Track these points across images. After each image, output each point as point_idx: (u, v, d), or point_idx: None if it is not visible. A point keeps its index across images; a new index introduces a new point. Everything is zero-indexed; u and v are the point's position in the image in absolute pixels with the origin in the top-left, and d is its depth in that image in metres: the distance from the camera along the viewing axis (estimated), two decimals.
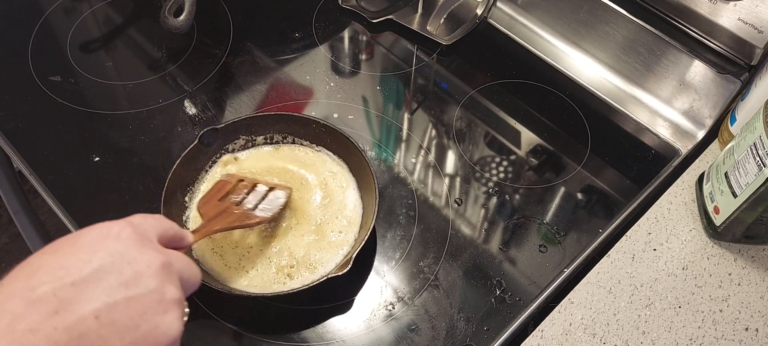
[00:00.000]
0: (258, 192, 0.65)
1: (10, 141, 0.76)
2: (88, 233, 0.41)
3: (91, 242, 0.40)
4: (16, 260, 0.38)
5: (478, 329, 0.63)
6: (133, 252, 0.41)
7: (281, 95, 0.83)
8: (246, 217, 0.62)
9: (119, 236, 0.41)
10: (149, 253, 0.41)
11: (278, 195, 0.66)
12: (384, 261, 0.68)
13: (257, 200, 0.64)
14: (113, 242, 0.40)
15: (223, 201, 0.62)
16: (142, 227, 0.44)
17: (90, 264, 0.38)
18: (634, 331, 0.63)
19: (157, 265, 0.41)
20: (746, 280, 0.67)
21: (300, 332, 0.62)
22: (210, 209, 0.61)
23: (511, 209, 0.73)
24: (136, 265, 0.40)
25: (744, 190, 0.63)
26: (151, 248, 0.42)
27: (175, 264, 0.43)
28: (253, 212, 0.63)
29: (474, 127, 0.82)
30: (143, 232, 0.43)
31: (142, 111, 0.80)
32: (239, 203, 0.63)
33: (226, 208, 0.62)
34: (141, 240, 0.42)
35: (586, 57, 0.88)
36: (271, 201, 0.65)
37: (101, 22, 0.92)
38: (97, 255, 0.39)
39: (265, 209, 0.64)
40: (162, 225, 0.47)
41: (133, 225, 0.43)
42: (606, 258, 0.69)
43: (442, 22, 0.93)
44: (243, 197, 0.63)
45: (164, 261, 0.42)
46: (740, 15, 0.73)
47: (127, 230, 0.42)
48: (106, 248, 0.40)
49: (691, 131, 0.81)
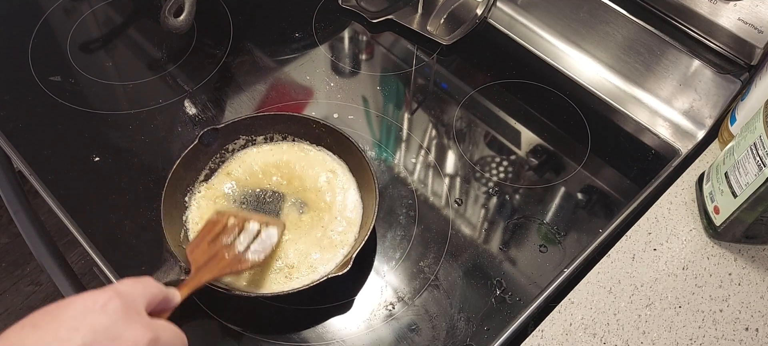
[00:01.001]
0: (250, 231, 0.62)
1: (10, 141, 0.76)
2: (73, 305, 0.38)
3: (75, 315, 0.38)
4: (16, 260, 0.37)
5: (479, 329, 0.63)
6: (119, 328, 0.38)
7: (281, 95, 0.83)
8: (237, 262, 0.60)
9: (105, 308, 0.39)
10: (136, 329, 0.39)
11: (271, 233, 0.63)
12: (384, 261, 0.68)
13: (249, 240, 0.61)
14: (98, 315, 0.38)
15: (214, 244, 0.60)
16: (131, 297, 0.42)
17: (70, 342, 0.36)
18: (635, 331, 0.63)
19: (143, 342, 0.39)
20: (746, 280, 0.67)
21: (300, 332, 0.62)
22: (199, 256, 0.59)
23: (511, 209, 0.73)
24: (120, 343, 0.38)
25: (744, 190, 0.63)
26: (138, 323, 0.40)
27: (162, 338, 0.41)
28: (245, 255, 0.61)
29: (474, 127, 0.82)
30: (131, 302, 0.41)
31: (142, 111, 0.80)
32: (230, 246, 0.60)
33: (217, 252, 0.60)
34: (128, 313, 0.40)
35: (586, 57, 0.88)
36: (263, 241, 0.62)
37: (101, 22, 0.92)
38: (79, 332, 0.36)
39: (256, 250, 0.61)
40: (150, 290, 0.45)
41: (121, 295, 0.40)
42: (606, 258, 0.69)
43: (442, 22, 0.93)
44: (234, 238, 0.61)
45: (151, 338, 0.40)
46: (740, 15, 0.73)
47: (115, 302, 0.39)
48: (90, 323, 0.37)
49: (691, 131, 0.81)
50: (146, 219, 0.69)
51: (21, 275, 1.52)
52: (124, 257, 0.67)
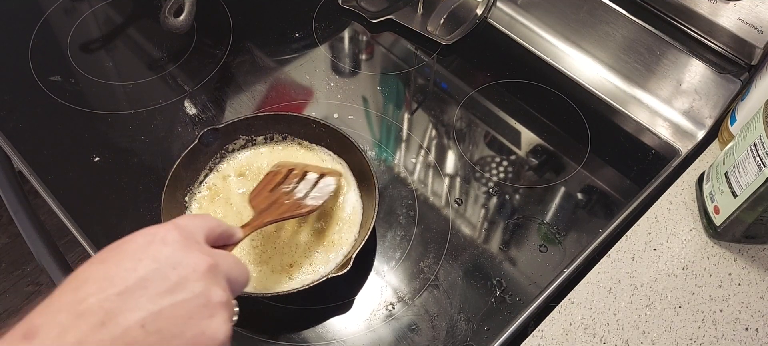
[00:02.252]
0: (308, 180, 0.65)
1: (10, 141, 0.76)
2: (134, 240, 0.40)
3: (137, 248, 0.40)
4: (16, 260, 0.38)
5: (479, 329, 0.63)
6: (179, 256, 0.40)
7: (281, 95, 0.83)
8: (297, 206, 0.62)
9: (165, 239, 0.41)
10: (195, 255, 0.41)
11: (328, 182, 0.66)
12: (384, 261, 0.68)
13: (308, 189, 0.64)
14: (159, 246, 0.40)
15: (274, 192, 0.63)
16: (189, 229, 0.43)
17: (135, 272, 0.38)
18: (635, 331, 0.63)
19: (203, 268, 0.41)
20: (746, 280, 0.67)
21: (300, 332, 0.62)
22: (261, 201, 0.62)
23: (511, 209, 0.73)
24: (181, 269, 0.40)
25: (744, 190, 0.63)
26: (197, 250, 0.42)
27: (222, 265, 0.43)
28: (304, 201, 0.63)
29: (474, 127, 0.82)
30: (190, 233, 0.43)
31: (142, 111, 0.80)
32: (289, 193, 0.63)
33: (277, 199, 0.62)
34: (187, 242, 0.42)
35: (586, 57, 0.88)
36: (321, 189, 0.65)
37: (101, 22, 0.92)
38: (142, 262, 0.39)
39: (315, 196, 0.64)
40: (209, 224, 0.47)
41: (180, 227, 0.42)
42: (606, 258, 0.69)
43: (442, 22, 0.93)
44: (293, 187, 0.64)
45: (211, 263, 0.41)
46: (740, 15, 0.73)
47: (173, 233, 0.41)
48: (152, 253, 0.39)
49: (691, 131, 0.81)
50: (146, 219, 0.69)
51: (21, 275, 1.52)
52: None
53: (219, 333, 0.40)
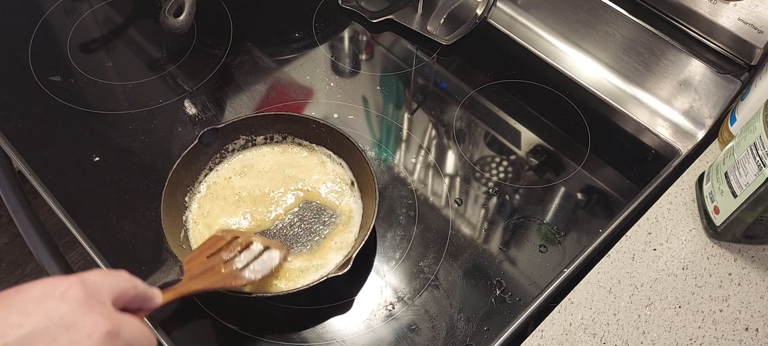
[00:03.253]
0: (252, 251, 0.61)
1: (10, 141, 0.76)
2: (30, 290, 0.36)
3: (29, 300, 0.36)
4: (16, 260, 0.37)
5: (478, 329, 0.63)
6: (75, 316, 0.36)
7: (281, 95, 0.83)
8: (232, 277, 0.58)
9: (64, 295, 0.37)
10: (94, 318, 0.37)
11: (272, 256, 0.62)
12: (384, 261, 0.68)
13: (249, 259, 0.60)
14: (56, 302, 0.36)
15: (211, 259, 0.59)
16: (95, 286, 0.39)
17: (21, 328, 0.34)
18: (634, 331, 0.63)
19: (100, 332, 0.37)
20: (746, 280, 0.67)
21: (300, 332, 0.62)
22: (194, 266, 0.58)
23: (511, 209, 0.73)
24: (74, 332, 0.35)
25: (744, 190, 0.63)
26: (98, 312, 0.38)
27: (124, 333, 0.39)
28: (242, 272, 0.59)
29: (474, 127, 0.82)
30: (95, 292, 0.39)
31: (142, 111, 0.80)
32: (228, 261, 0.59)
33: (213, 266, 0.58)
34: (89, 302, 0.38)
35: (586, 57, 0.88)
36: (263, 262, 0.61)
37: (101, 22, 0.92)
38: (31, 318, 0.35)
39: (254, 269, 0.60)
40: (122, 284, 0.43)
41: (85, 283, 0.38)
42: (606, 258, 0.69)
43: (442, 22, 0.93)
44: (234, 255, 0.60)
45: (110, 329, 0.37)
46: (740, 15, 0.73)
47: (76, 289, 0.37)
48: (45, 309, 0.35)
49: (691, 131, 0.81)
50: (146, 219, 0.69)
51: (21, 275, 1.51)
52: (124, 257, 0.67)
53: None
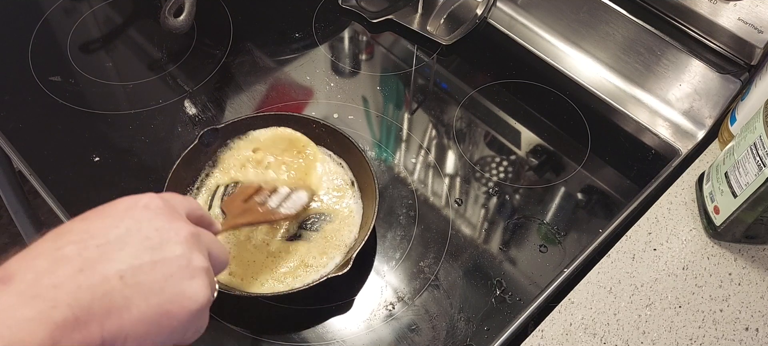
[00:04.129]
0: (280, 194, 0.66)
1: (10, 141, 0.76)
2: (118, 204, 0.41)
3: (120, 210, 0.40)
4: None
5: (479, 329, 0.63)
6: (161, 221, 0.40)
7: (281, 95, 0.83)
8: (271, 213, 0.63)
9: (148, 205, 0.41)
10: (178, 222, 0.41)
11: (300, 195, 0.66)
12: (384, 261, 0.68)
13: (280, 201, 0.65)
14: (142, 210, 0.40)
15: (248, 202, 0.63)
16: (172, 202, 0.44)
17: (117, 229, 0.38)
18: (635, 331, 0.63)
19: (185, 233, 0.41)
20: (746, 280, 0.67)
21: (300, 332, 0.62)
22: (234, 208, 0.63)
23: (511, 209, 0.73)
24: (163, 232, 0.40)
25: (744, 190, 0.63)
26: (179, 219, 0.42)
27: (204, 237, 0.43)
28: (278, 209, 0.64)
29: (474, 127, 0.82)
30: (173, 206, 0.43)
31: (142, 111, 0.80)
32: (262, 203, 0.64)
33: (250, 207, 0.63)
34: (170, 211, 0.42)
35: (586, 57, 0.88)
36: (293, 200, 0.66)
37: (101, 22, 0.92)
38: (123, 222, 0.39)
39: (288, 206, 0.65)
40: (191, 205, 0.47)
41: (163, 198, 0.43)
42: (606, 258, 0.69)
43: (442, 22, 0.93)
44: (266, 198, 0.64)
45: (193, 232, 0.42)
46: (740, 15, 0.73)
47: (157, 202, 0.42)
48: (134, 215, 0.40)
49: (691, 131, 0.81)
50: None
51: None
52: None
53: (199, 295, 0.40)
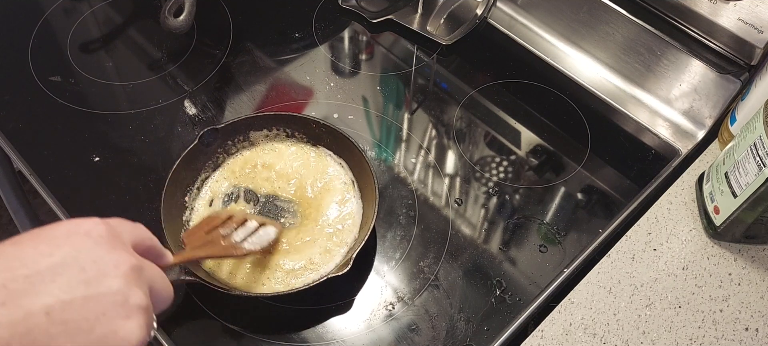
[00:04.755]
0: (248, 228, 0.62)
1: (10, 141, 0.76)
2: (58, 227, 0.38)
3: (58, 236, 0.37)
4: None
5: (478, 329, 0.63)
6: (101, 251, 0.37)
7: (281, 95, 0.83)
8: (232, 248, 0.60)
9: (90, 233, 0.38)
10: (119, 253, 0.38)
11: (268, 231, 0.63)
12: (384, 261, 0.68)
13: (246, 235, 0.62)
14: (81, 238, 0.37)
15: (210, 234, 0.60)
16: (118, 229, 0.41)
17: (51, 258, 0.35)
18: (634, 331, 0.63)
19: (125, 267, 0.38)
20: (746, 280, 0.67)
21: (300, 332, 0.62)
22: (194, 240, 0.59)
23: (511, 209, 0.73)
24: (101, 263, 0.37)
25: (744, 190, 0.63)
26: (121, 249, 0.39)
27: (147, 272, 0.40)
28: (241, 244, 0.61)
29: (474, 127, 0.82)
30: (117, 234, 0.40)
31: (142, 111, 0.80)
32: (226, 236, 0.61)
33: (213, 239, 0.60)
34: (112, 240, 0.39)
35: (586, 57, 0.88)
36: (260, 236, 0.62)
37: (101, 22, 0.92)
38: (60, 249, 0.36)
39: (253, 242, 0.62)
40: (140, 233, 0.44)
41: (108, 224, 0.40)
42: (606, 258, 0.69)
43: (442, 22, 0.93)
44: (231, 231, 0.61)
45: (134, 265, 0.39)
46: (740, 15, 0.73)
47: (100, 228, 0.38)
48: (72, 243, 0.37)
49: (691, 131, 0.81)
50: (146, 219, 0.68)
51: None
52: None
53: (132, 337, 0.37)
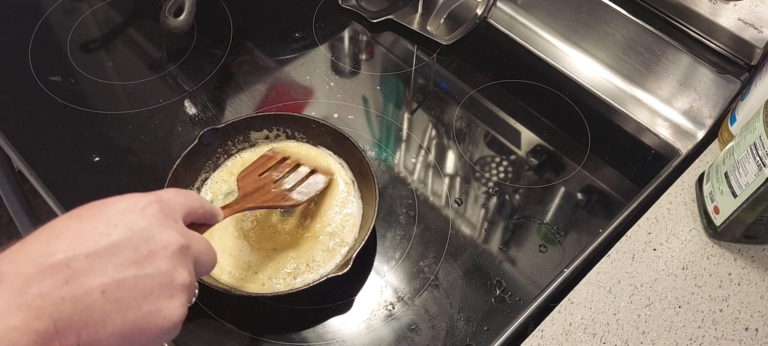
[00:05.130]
0: (299, 173, 0.65)
1: (10, 141, 0.76)
2: (115, 204, 0.41)
3: (115, 214, 0.40)
4: None
5: (478, 329, 0.63)
6: (154, 230, 0.41)
7: (281, 95, 0.83)
8: (281, 197, 0.63)
9: (144, 211, 0.41)
10: (169, 233, 0.42)
11: (318, 179, 0.66)
12: (384, 261, 0.68)
13: (296, 181, 0.64)
14: (136, 216, 0.41)
15: (263, 177, 0.63)
16: (170, 205, 0.44)
17: (108, 237, 0.39)
18: (634, 331, 0.63)
19: (174, 247, 0.41)
20: (746, 280, 0.67)
21: (300, 332, 0.62)
22: (248, 183, 0.62)
23: (511, 209, 0.73)
24: (152, 243, 0.40)
25: (744, 190, 0.63)
26: (172, 228, 0.42)
27: (194, 247, 0.44)
28: (290, 193, 0.63)
29: (474, 127, 0.82)
30: (170, 210, 0.44)
31: (142, 111, 0.80)
32: (278, 181, 0.63)
33: (264, 185, 0.63)
34: (165, 218, 0.42)
35: (586, 57, 0.88)
36: (309, 184, 0.65)
37: (101, 22, 0.92)
38: (116, 229, 0.39)
39: (302, 191, 0.64)
40: (191, 203, 0.47)
41: (161, 201, 0.43)
42: (606, 258, 0.69)
43: (442, 22, 0.93)
44: (283, 176, 0.64)
45: (182, 244, 0.42)
46: (740, 15, 0.73)
47: (154, 207, 0.42)
48: (128, 222, 0.40)
49: (691, 131, 0.81)
50: None
51: None
52: None
53: (174, 315, 0.41)
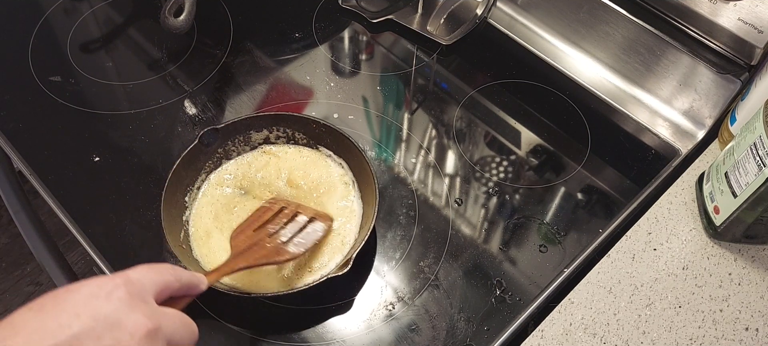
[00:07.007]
0: (297, 222, 0.62)
1: (10, 141, 0.76)
2: (79, 290, 0.40)
3: (78, 301, 0.39)
4: (16, 260, 0.38)
5: (479, 329, 0.63)
6: (120, 315, 0.39)
7: (281, 95, 0.83)
8: (276, 252, 0.60)
9: (110, 295, 0.40)
10: (137, 317, 0.40)
11: (316, 228, 0.63)
12: (384, 261, 0.68)
13: (294, 232, 0.62)
14: (101, 302, 0.39)
15: (258, 232, 0.61)
16: (139, 285, 0.42)
17: (69, 329, 0.37)
18: (635, 331, 0.63)
19: (142, 332, 0.39)
20: (746, 280, 0.67)
21: (300, 332, 0.62)
22: (241, 242, 0.60)
23: (511, 209, 0.73)
24: (117, 331, 0.38)
25: (744, 190, 0.63)
26: (141, 312, 0.40)
27: (165, 328, 0.42)
28: (286, 247, 0.60)
29: (474, 127, 0.82)
30: (139, 290, 0.42)
31: (142, 111, 0.80)
32: (273, 235, 0.61)
33: (259, 240, 0.60)
34: (132, 301, 0.40)
35: (586, 57, 0.88)
36: (308, 234, 0.62)
37: (101, 22, 0.92)
38: (79, 318, 0.38)
39: (299, 243, 0.61)
40: (164, 279, 0.45)
41: (130, 283, 0.41)
42: (606, 258, 0.69)
43: (442, 22, 0.93)
44: (279, 228, 0.61)
45: (151, 328, 0.40)
46: (740, 15, 0.73)
47: (120, 290, 0.40)
48: (91, 309, 0.38)
49: (691, 131, 0.81)
50: (146, 219, 0.69)
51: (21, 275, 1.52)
52: (124, 257, 0.67)
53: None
